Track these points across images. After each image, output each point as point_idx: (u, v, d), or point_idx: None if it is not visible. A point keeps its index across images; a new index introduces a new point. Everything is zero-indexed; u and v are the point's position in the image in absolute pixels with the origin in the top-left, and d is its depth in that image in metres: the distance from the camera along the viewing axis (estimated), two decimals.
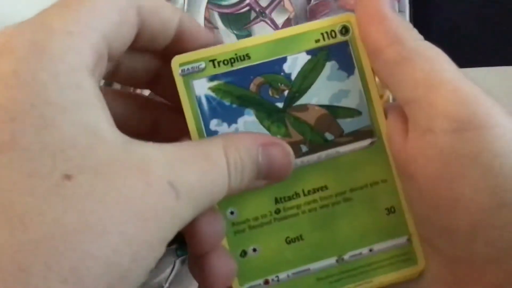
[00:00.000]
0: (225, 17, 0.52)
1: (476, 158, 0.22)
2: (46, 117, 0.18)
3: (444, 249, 0.24)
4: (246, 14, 0.52)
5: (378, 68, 0.25)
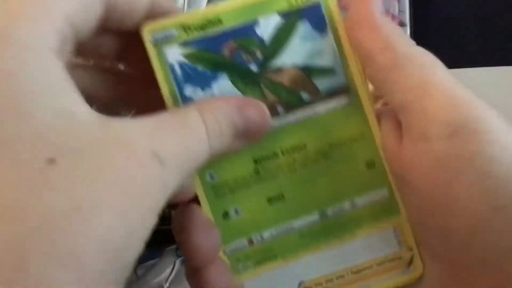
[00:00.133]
0: None
1: (471, 163, 0.22)
2: (20, 106, 0.18)
3: (442, 253, 0.24)
4: None
5: (371, 75, 0.25)
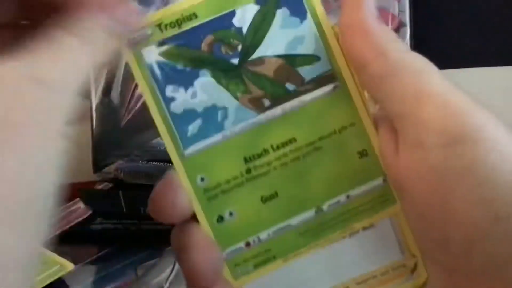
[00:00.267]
0: None
1: (469, 172, 0.22)
2: None
3: (442, 261, 0.24)
4: None
5: (365, 83, 0.24)
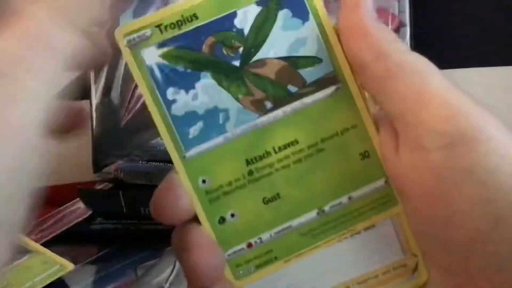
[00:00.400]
0: None
1: (470, 174, 0.21)
2: None
3: (443, 262, 0.24)
4: None
5: (365, 84, 0.24)
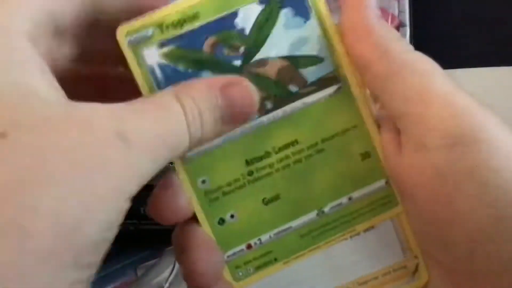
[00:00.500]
0: None
1: (472, 173, 0.21)
2: None
3: (444, 262, 0.24)
4: None
5: (368, 83, 0.24)
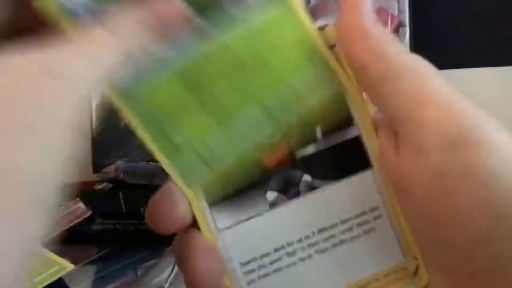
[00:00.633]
0: None
1: (470, 175, 0.22)
2: None
3: (444, 263, 0.24)
4: None
5: (364, 86, 0.24)
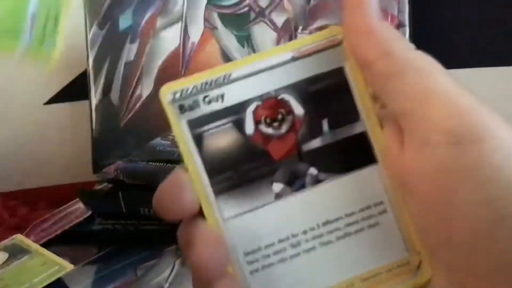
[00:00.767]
0: (225, 17, 0.52)
1: (474, 171, 0.22)
2: None
3: (446, 259, 0.24)
4: (246, 15, 0.52)
5: (370, 81, 0.25)
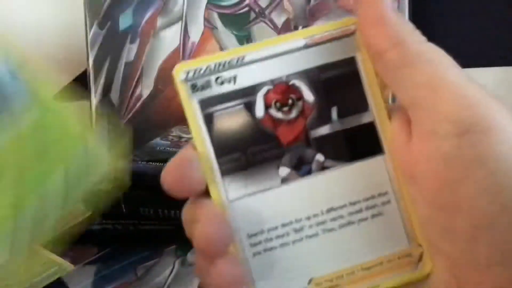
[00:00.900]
0: (225, 17, 0.52)
1: (480, 162, 0.22)
2: None
3: (447, 251, 0.24)
4: (246, 15, 0.52)
5: (380, 71, 0.25)
